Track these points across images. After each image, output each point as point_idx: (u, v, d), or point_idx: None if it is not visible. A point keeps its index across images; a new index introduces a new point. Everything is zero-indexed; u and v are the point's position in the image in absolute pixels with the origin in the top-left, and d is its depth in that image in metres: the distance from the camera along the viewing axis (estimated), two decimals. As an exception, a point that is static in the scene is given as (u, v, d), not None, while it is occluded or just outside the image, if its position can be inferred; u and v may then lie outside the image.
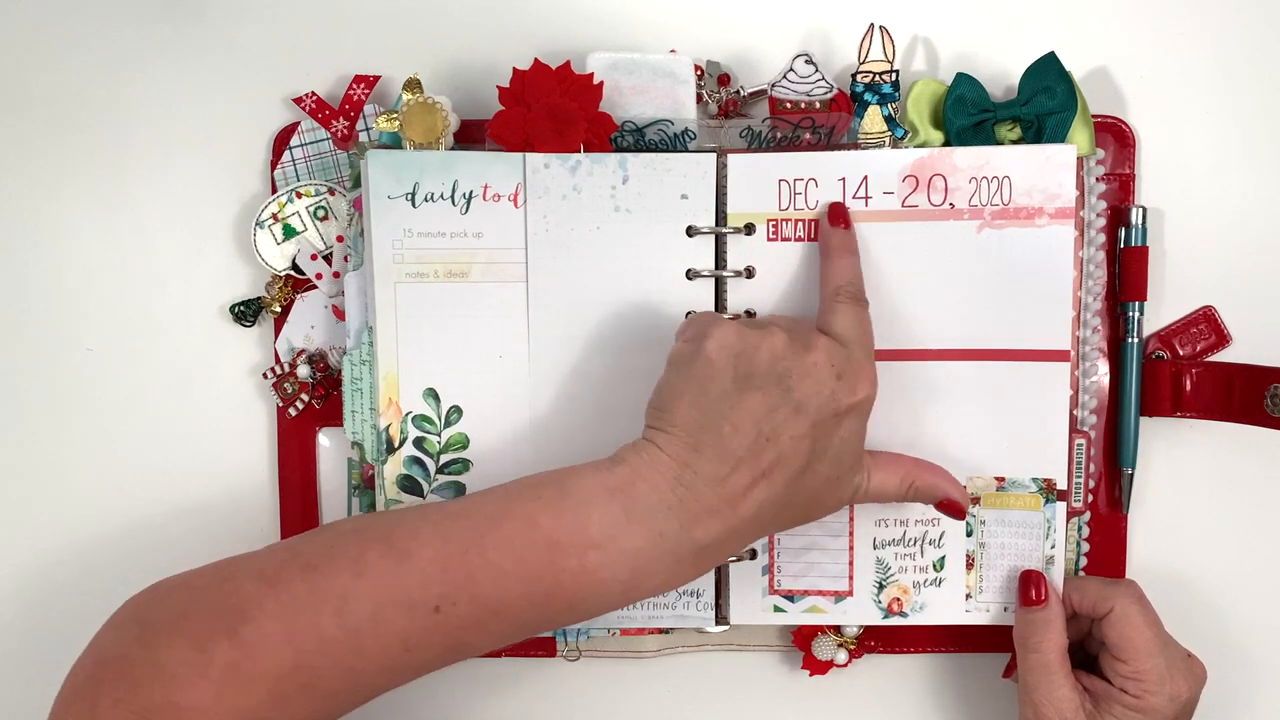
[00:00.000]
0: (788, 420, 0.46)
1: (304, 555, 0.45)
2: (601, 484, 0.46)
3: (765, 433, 0.46)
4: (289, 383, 0.58)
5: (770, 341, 0.47)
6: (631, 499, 0.45)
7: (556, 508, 0.45)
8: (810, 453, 0.47)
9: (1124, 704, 0.52)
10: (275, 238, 0.58)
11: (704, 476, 0.45)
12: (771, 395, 0.46)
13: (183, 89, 0.59)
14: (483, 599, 0.44)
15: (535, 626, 0.46)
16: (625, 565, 0.45)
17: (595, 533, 0.45)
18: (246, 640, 0.42)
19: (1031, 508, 0.55)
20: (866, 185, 0.54)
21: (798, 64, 0.56)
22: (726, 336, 0.47)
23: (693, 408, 0.46)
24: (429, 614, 0.44)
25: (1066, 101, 0.54)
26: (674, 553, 0.45)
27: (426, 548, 0.44)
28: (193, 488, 0.60)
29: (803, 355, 0.47)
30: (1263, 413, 0.53)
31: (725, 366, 0.46)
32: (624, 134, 0.55)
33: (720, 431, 0.45)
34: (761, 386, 0.46)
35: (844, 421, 0.48)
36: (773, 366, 0.46)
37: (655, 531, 0.45)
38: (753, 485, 0.46)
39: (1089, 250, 0.57)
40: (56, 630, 0.60)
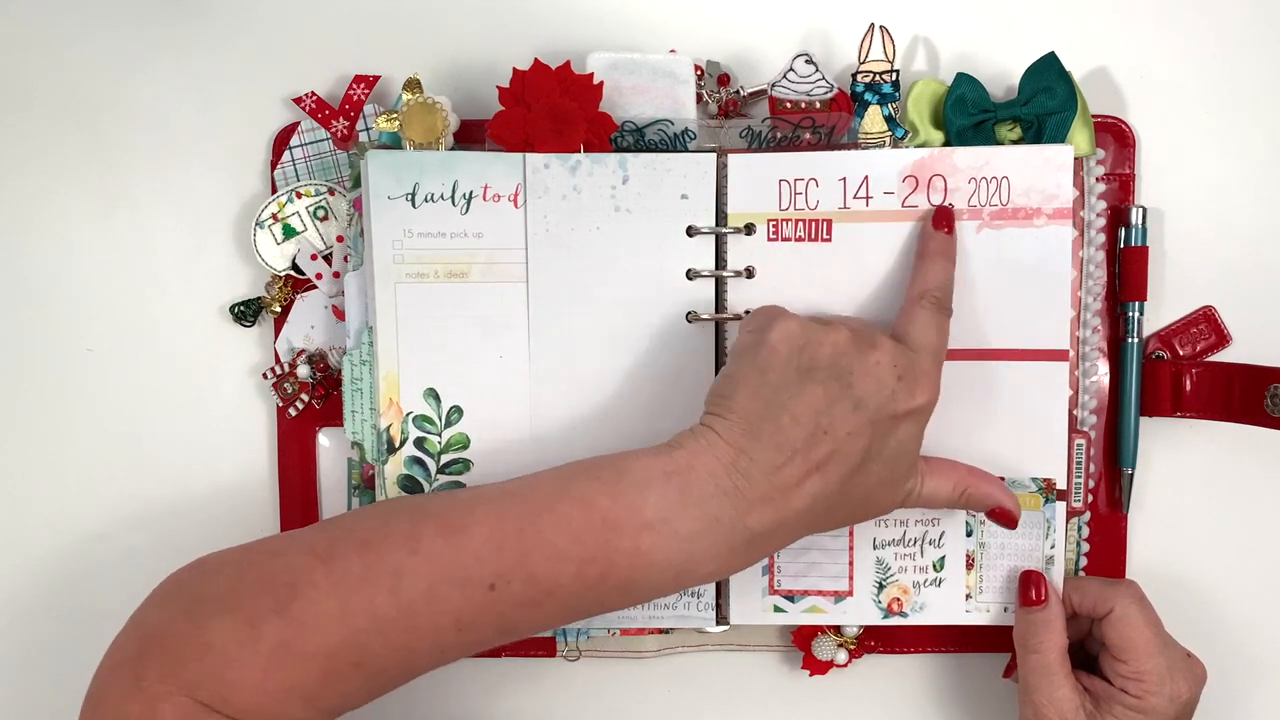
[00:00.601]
0: (845, 416, 0.46)
1: (358, 532, 0.45)
2: (659, 467, 0.46)
3: (823, 425, 0.46)
4: (289, 383, 0.58)
5: (834, 336, 0.47)
6: (688, 482, 0.45)
7: (613, 489, 0.45)
8: (865, 451, 0.47)
9: (1124, 704, 0.52)
10: (275, 238, 0.58)
11: (760, 464, 0.45)
12: (831, 389, 0.46)
13: (183, 89, 0.59)
14: (537, 578, 0.44)
15: (586, 608, 0.46)
16: (679, 549, 0.45)
17: (651, 515, 0.45)
18: (298, 617, 0.42)
19: (1031, 508, 0.55)
20: (867, 185, 0.54)
21: (798, 64, 0.56)
22: (790, 328, 0.47)
23: (753, 396, 0.46)
24: (484, 592, 0.43)
25: (1067, 101, 0.54)
26: (728, 539, 0.45)
27: (482, 525, 0.44)
28: (193, 488, 0.60)
29: (866, 353, 0.47)
30: (1263, 413, 0.53)
31: (788, 357, 0.47)
32: (624, 134, 0.55)
33: (779, 421, 0.46)
34: (822, 380, 0.46)
35: (901, 424, 0.48)
36: (835, 361, 0.47)
37: (710, 516, 0.45)
38: (806, 477, 0.46)
39: (1089, 250, 0.57)
40: (56, 630, 0.60)
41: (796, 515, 0.46)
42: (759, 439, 0.46)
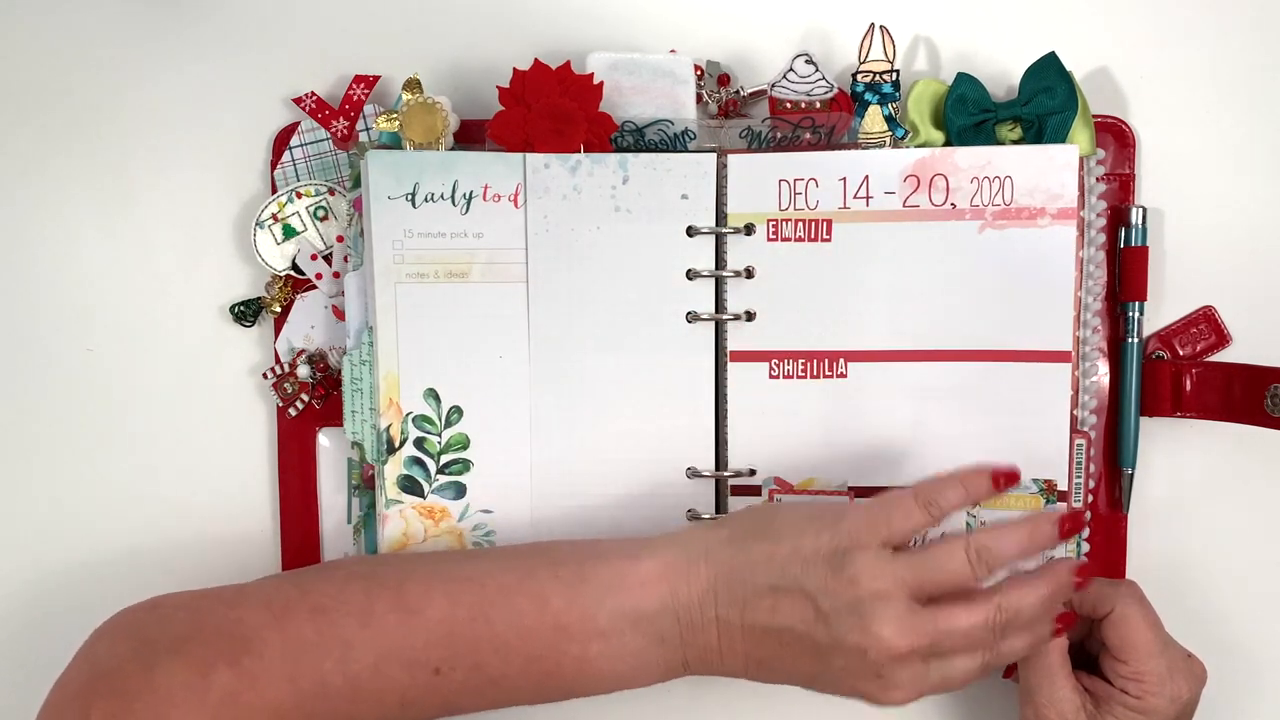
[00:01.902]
0: (802, 646, 0.45)
1: (313, 595, 0.45)
2: (621, 578, 0.46)
3: (785, 636, 0.45)
4: (289, 383, 0.58)
5: (878, 608, 0.43)
6: (645, 600, 0.45)
7: (571, 591, 0.45)
8: (812, 680, 0.46)
9: (1125, 705, 0.52)
10: (275, 238, 0.58)
11: (717, 619, 0.45)
12: (813, 619, 0.44)
13: (183, 89, 0.59)
14: (483, 668, 0.44)
15: (528, 699, 0.47)
16: (626, 661, 0.45)
17: (604, 625, 0.45)
18: (248, 671, 0.42)
19: (1032, 508, 0.55)
20: (867, 185, 0.54)
21: (798, 64, 0.56)
22: (882, 574, 0.43)
23: (758, 561, 0.45)
24: (429, 675, 0.44)
25: (1067, 101, 0.54)
26: (666, 662, 0.46)
27: (435, 608, 0.45)
28: (193, 488, 0.60)
29: (882, 652, 0.43)
30: (1263, 413, 0.53)
31: (829, 571, 0.44)
32: (624, 134, 0.55)
33: (760, 598, 0.44)
34: (821, 610, 0.44)
35: (862, 689, 0.45)
36: (843, 607, 0.44)
37: (657, 636, 0.45)
38: (745, 656, 0.46)
39: (1089, 250, 0.57)
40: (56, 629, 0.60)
41: (730, 671, 0.47)
42: (731, 593, 0.45)
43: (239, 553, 0.59)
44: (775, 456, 0.56)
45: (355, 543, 0.58)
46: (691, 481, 0.56)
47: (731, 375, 0.55)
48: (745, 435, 0.56)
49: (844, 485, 0.56)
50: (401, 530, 0.55)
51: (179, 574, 0.60)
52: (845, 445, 0.56)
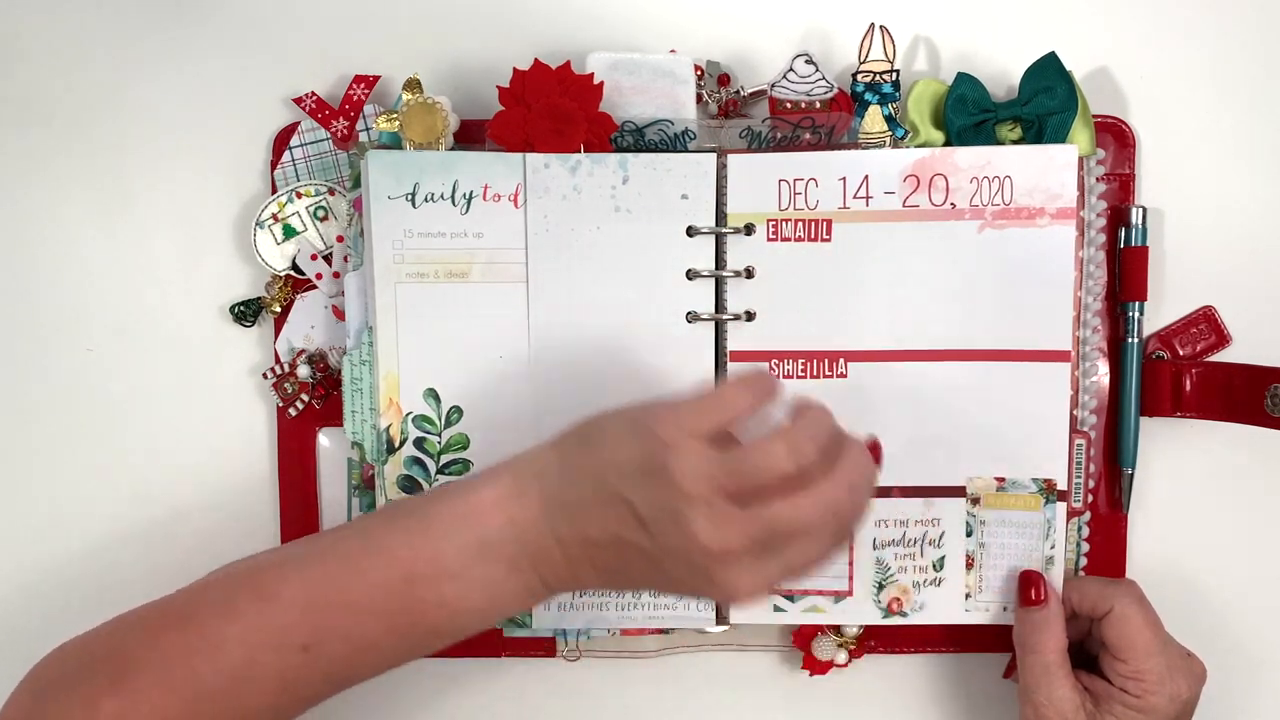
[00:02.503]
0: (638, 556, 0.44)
1: (179, 604, 0.46)
2: (462, 512, 0.45)
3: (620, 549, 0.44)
4: (289, 383, 0.58)
5: (695, 510, 0.42)
6: (487, 531, 0.45)
7: (415, 539, 0.45)
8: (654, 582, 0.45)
9: (1124, 704, 0.52)
10: (275, 238, 0.58)
11: (556, 537, 0.45)
12: (638, 532, 0.43)
13: (183, 89, 0.59)
14: (349, 635, 0.45)
15: (407, 655, 0.46)
16: (481, 593, 0.45)
17: (451, 563, 0.45)
18: (132, 691, 0.43)
19: (1031, 508, 0.55)
20: (867, 185, 0.54)
21: (798, 64, 0.56)
22: (686, 464, 0.42)
23: (586, 473, 0.45)
24: (299, 653, 0.44)
25: (1067, 101, 0.54)
26: (525, 584, 0.45)
27: (290, 587, 0.45)
28: (193, 488, 0.60)
29: (694, 518, 0.42)
30: (1263, 413, 0.53)
31: (647, 478, 0.43)
32: (624, 134, 0.55)
33: (588, 509, 0.44)
34: (643, 520, 0.43)
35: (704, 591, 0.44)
36: (662, 514, 0.43)
37: (508, 562, 0.45)
38: (593, 567, 0.45)
39: (1089, 250, 0.57)
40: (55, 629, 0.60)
41: (586, 586, 0.46)
42: (566, 512, 0.45)
43: (239, 552, 0.59)
44: (775, 456, 0.56)
45: (355, 543, 0.58)
46: (691, 481, 0.56)
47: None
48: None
49: (844, 485, 0.56)
50: (401, 530, 0.55)
51: (178, 574, 0.59)
52: (845, 445, 0.56)
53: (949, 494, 0.56)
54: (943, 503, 0.56)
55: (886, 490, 0.56)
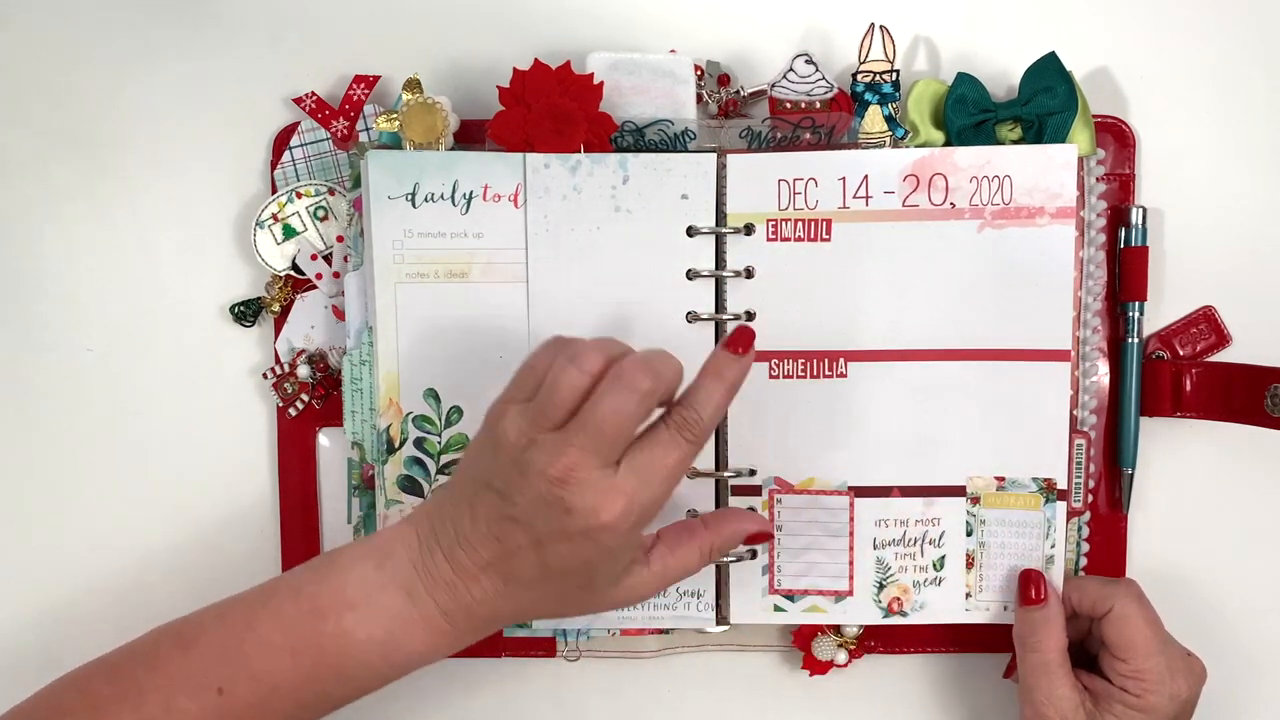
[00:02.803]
0: (512, 530, 0.44)
1: (110, 659, 0.47)
2: (362, 549, 0.47)
3: (494, 532, 0.45)
4: (289, 383, 0.58)
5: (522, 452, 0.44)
6: (385, 559, 0.46)
7: (321, 574, 0.47)
8: (541, 564, 0.45)
9: (1124, 703, 0.52)
10: (275, 238, 0.58)
11: (440, 549, 0.46)
12: (503, 501, 0.44)
13: (183, 89, 0.59)
14: (259, 676, 0.45)
15: (317, 705, 0.47)
16: (380, 624, 0.45)
17: (352, 593, 0.46)
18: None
19: (1031, 508, 0.55)
20: (867, 185, 0.54)
21: (798, 64, 0.56)
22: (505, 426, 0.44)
23: (455, 485, 0.47)
24: (214, 697, 0.45)
25: (1067, 101, 0.54)
26: (424, 615, 0.46)
27: (208, 632, 0.46)
28: (193, 488, 0.60)
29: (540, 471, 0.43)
30: (1263, 413, 0.53)
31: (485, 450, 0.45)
32: (624, 134, 0.55)
33: (459, 512, 0.46)
34: (499, 489, 0.44)
35: (583, 543, 0.44)
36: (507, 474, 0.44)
37: (405, 591, 0.46)
38: (481, 572, 0.45)
39: (1089, 250, 0.57)
40: (55, 629, 0.60)
41: (483, 605, 0.46)
42: (443, 525, 0.46)
43: (239, 553, 0.59)
44: (775, 456, 0.56)
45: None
46: (691, 481, 0.56)
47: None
48: (745, 435, 0.56)
49: (844, 485, 0.56)
50: (401, 530, 0.55)
51: (178, 574, 0.60)
52: (845, 445, 0.56)
53: (949, 494, 0.56)
54: (943, 502, 0.56)
55: (886, 490, 0.56)
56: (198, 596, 0.48)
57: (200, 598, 0.48)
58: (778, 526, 0.56)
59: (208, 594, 0.48)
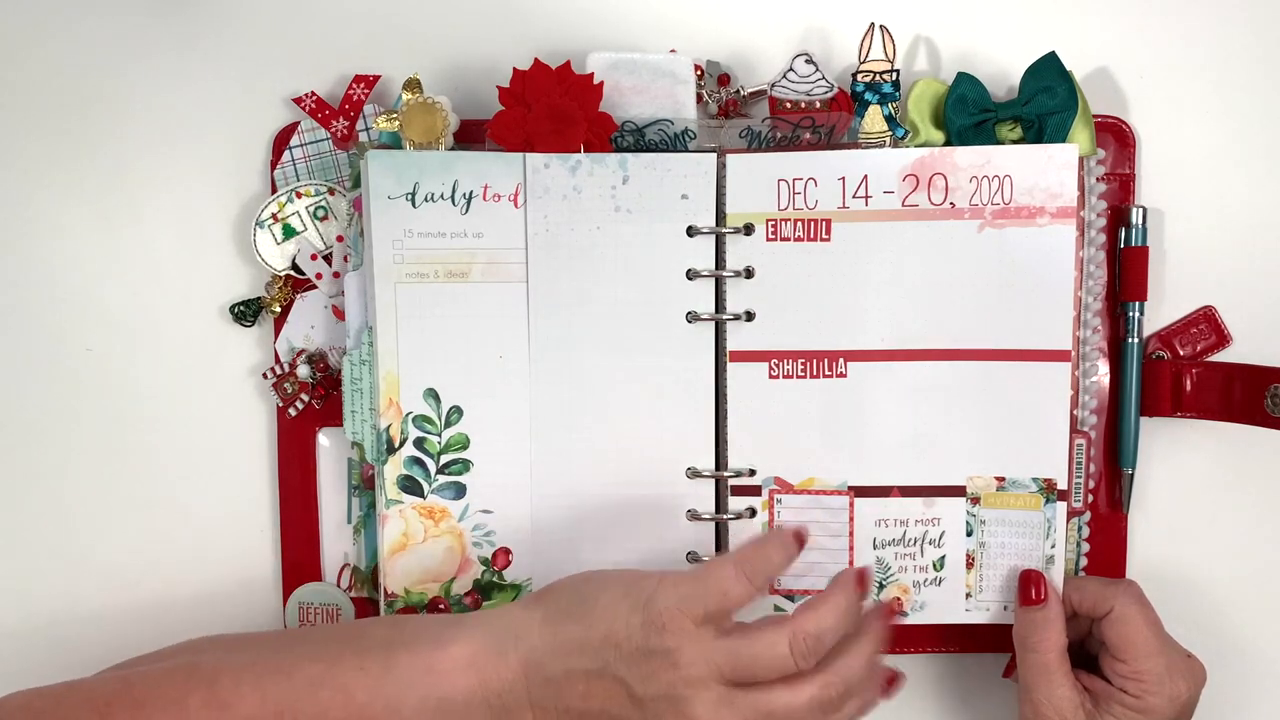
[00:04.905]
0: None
1: (135, 689, 0.45)
2: (427, 665, 0.45)
3: (604, 718, 0.44)
4: (289, 383, 0.58)
5: (701, 689, 0.43)
6: (453, 690, 0.45)
7: (376, 683, 0.45)
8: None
9: (1123, 704, 0.52)
10: (275, 238, 0.58)
11: (533, 701, 0.44)
12: (624, 701, 0.44)
13: (183, 89, 0.59)
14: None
15: None
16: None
17: (408, 716, 0.44)
18: None
19: (1031, 508, 0.55)
20: (866, 185, 0.54)
21: (798, 64, 0.56)
22: (696, 656, 0.43)
23: (580, 649, 0.44)
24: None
25: (1067, 101, 0.54)
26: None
27: (245, 702, 0.45)
28: (193, 488, 0.60)
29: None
30: (1263, 413, 0.53)
31: (640, 657, 0.43)
32: (624, 134, 0.55)
33: (575, 685, 0.44)
34: (629, 686, 0.43)
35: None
36: (654, 687, 0.43)
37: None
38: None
39: (1089, 250, 0.57)
40: (53, 630, 0.60)
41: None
42: (544, 673, 0.44)
43: (239, 553, 0.59)
44: (775, 456, 0.56)
45: (355, 543, 0.58)
46: (691, 481, 0.56)
47: (731, 375, 0.55)
48: (745, 435, 0.56)
49: (844, 485, 0.56)
50: (401, 530, 0.55)
51: (178, 574, 0.60)
52: (845, 445, 0.56)
53: (949, 494, 0.56)
54: (943, 502, 0.56)
55: (886, 490, 0.56)
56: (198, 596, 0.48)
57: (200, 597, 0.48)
58: (778, 526, 0.56)
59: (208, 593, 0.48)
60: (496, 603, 0.56)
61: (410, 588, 0.56)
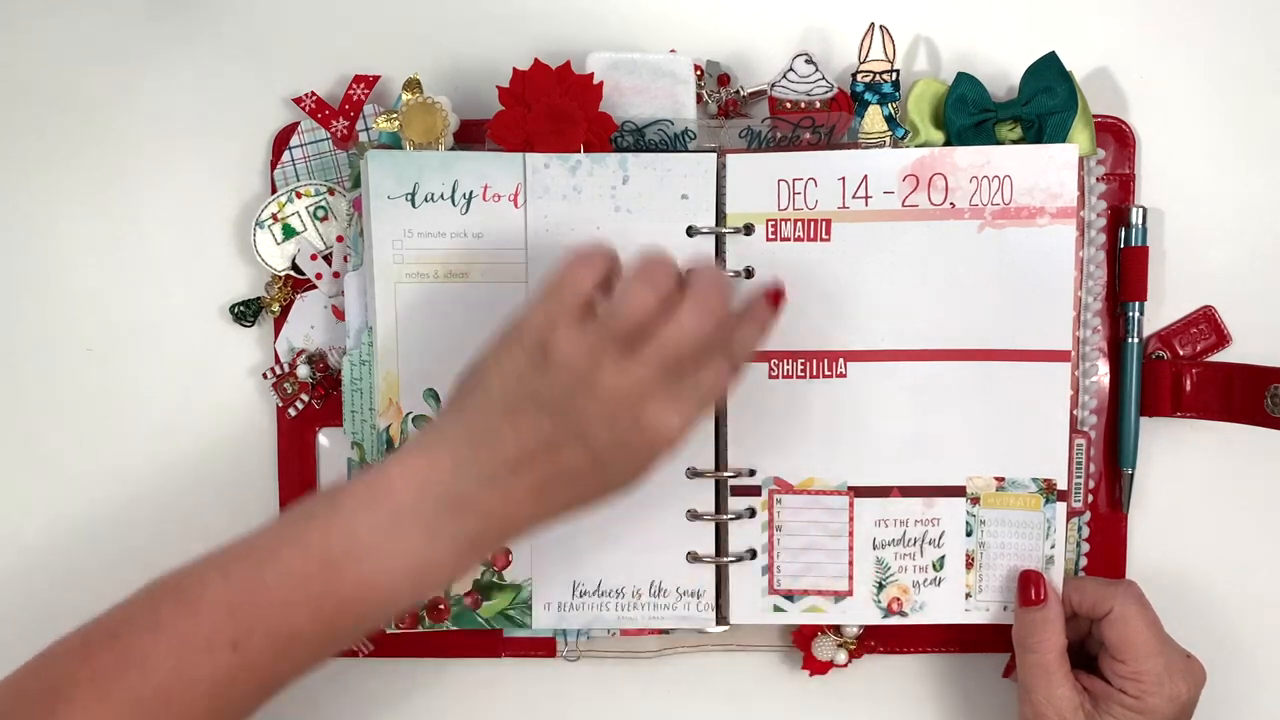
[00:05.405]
0: (568, 449, 0.44)
1: (109, 623, 0.45)
2: (369, 491, 0.45)
3: (546, 453, 0.44)
4: (289, 383, 0.58)
5: (584, 363, 0.44)
6: (402, 500, 0.45)
7: (326, 524, 0.45)
8: (594, 481, 0.45)
9: (1123, 704, 0.52)
10: (275, 238, 0.58)
11: (474, 478, 0.45)
12: (555, 422, 0.44)
13: (183, 89, 0.59)
14: (275, 631, 0.44)
15: (338, 641, 0.46)
16: (401, 564, 0.45)
17: (365, 540, 0.44)
18: (65, 717, 0.42)
19: (1031, 508, 0.55)
20: (866, 185, 0.54)
21: (798, 64, 0.56)
22: (566, 345, 0.44)
23: (488, 404, 0.45)
24: (228, 653, 0.44)
25: (1067, 101, 0.54)
26: (451, 548, 0.45)
27: (210, 589, 0.45)
28: (193, 488, 0.60)
29: (609, 382, 0.44)
30: (1263, 413, 0.53)
31: (527, 368, 0.45)
32: (624, 134, 0.55)
33: (502, 435, 0.45)
34: (553, 410, 0.44)
35: (639, 457, 0.45)
36: (571, 390, 0.44)
37: (425, 527, 0.45)
38: (526, 495, 0.45)
39: (1089, 250, 0.57)
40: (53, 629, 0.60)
41: (521, 522, 0.46)
42: (479, 450, 0.45)
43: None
44: (775, 456, 0.56)
45: (355, 542, 0.58)
46: (691, 481, 0.56)
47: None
48: (745, 435, 0.56)
49: (844, 485, 0.56)
50: (401, 530, 0.55)
51: (179, 574, 0.60)
52: (845, 445, 0.56)
53: (949, 494, 0.56)
54: (943, 502, 0.56)
55: (886, 490, 0.56)
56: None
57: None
58: (777, 527, 0.56)
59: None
60: (496, 603, 0.56)
61: (410, 588, 0.56)
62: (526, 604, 0.56)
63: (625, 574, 0.56)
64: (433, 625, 0.56)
